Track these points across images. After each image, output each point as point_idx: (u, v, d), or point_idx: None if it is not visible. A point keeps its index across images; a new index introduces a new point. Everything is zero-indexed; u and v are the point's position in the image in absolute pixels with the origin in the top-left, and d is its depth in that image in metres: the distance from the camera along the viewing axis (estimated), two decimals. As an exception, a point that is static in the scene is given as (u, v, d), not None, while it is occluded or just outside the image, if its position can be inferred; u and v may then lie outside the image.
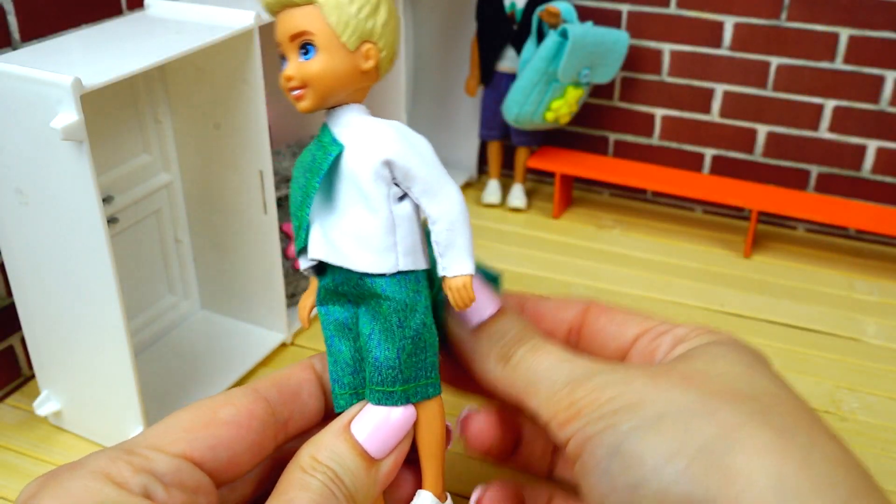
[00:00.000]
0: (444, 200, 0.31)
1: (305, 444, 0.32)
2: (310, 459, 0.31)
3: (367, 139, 0.32)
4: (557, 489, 0.40)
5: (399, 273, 0.32)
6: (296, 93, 0.32)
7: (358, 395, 0.34)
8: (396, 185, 0.32)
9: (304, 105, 0.32)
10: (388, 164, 0.31)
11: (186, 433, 0.30)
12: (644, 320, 0.36)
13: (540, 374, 0.32)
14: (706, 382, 0.29)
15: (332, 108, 0.33)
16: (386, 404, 0.33)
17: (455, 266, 0.32)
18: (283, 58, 0.32)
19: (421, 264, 0.33)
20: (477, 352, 0.34)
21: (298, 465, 0.31)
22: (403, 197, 0.32)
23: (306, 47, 0.31)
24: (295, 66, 0.31)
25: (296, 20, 0.31)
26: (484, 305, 0.35)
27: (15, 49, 0.49)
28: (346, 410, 0.33)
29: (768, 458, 0.25)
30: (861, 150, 0.71)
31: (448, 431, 0.36)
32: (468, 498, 0.46)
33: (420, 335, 0.32)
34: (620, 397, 0.29)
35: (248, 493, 0.34)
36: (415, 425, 0.33)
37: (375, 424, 0.32)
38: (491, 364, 0.34)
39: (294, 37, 0.31)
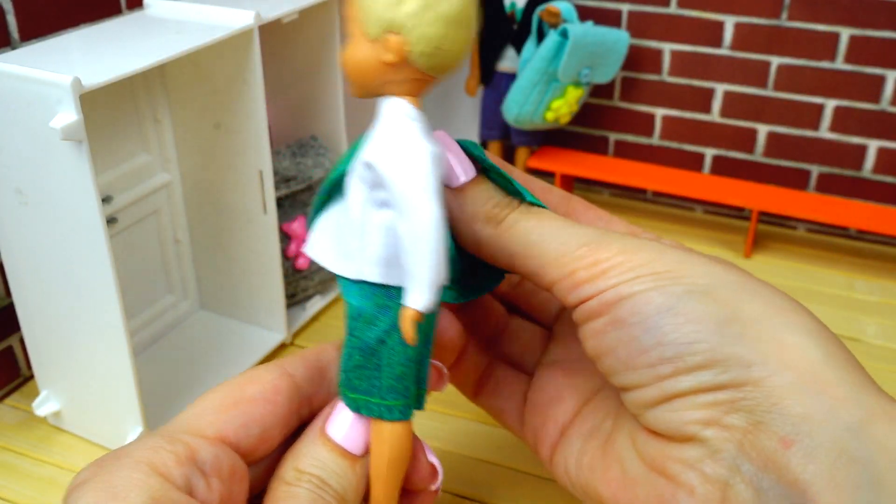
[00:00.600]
0: (411, 220, 0.28)
1: (284, 457, 0.32)
2: (293, 472, 0.31)
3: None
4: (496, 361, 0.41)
5: (363, 281, 0.31)
6: None
7: None
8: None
9: (350, 90, 0.31)
10: (369, 167, 0.30)
11: (219, 414, 0.30)
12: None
13: (545, 235, 0.32)
14: (734, 267, 0.31)
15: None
16: (345, 404, 0.32)
17: (408, 295, 0.29)
18: None
19: (396, 280, 0.31)
20: (464, 212, 0.33)
21: (283, 480, 0.31)
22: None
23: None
24: None
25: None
26: (459, 170, 0.33)
27: (14, 49, 0.49)
28: (319, 414, 0.33)
29: (815, 338, 0.29)
30: (862, 149, 0.71)
31: (435, 471, 0.35)
32: (469, 499, 0.46)
33: (374, 351, 0.31)
34: (656, 263, 0.30)
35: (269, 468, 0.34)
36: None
37: (349, 422, 0.32)
38: (479, 226, 0.33)
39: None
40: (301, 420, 0.33)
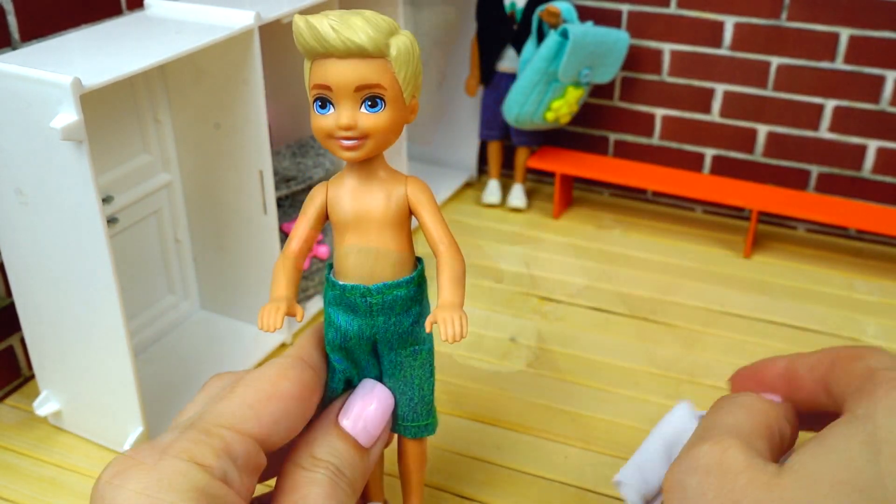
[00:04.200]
0: None
1: (297, 443, 0.33)
2: (310, 458, 0.32)
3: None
4: None
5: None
6: (350, 143, 0.30)
7: None
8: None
9: (357, 155, 0.31)
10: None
11: (253, 410, 0.30)
12: None
13: None
14: None
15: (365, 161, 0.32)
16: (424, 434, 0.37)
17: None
18: (324, 103, 0.30)
19: None
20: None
21: (299, 465, 0.32)
22: None
23: (375, 100, 0.30)
24: (353, 116, 0.30)
25: (366, 72, 0.29)
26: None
27: (15, 49, 0.49)
28: (330, 405, 0.34)
29: None
30: (861, 150, 0.71)
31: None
32: (469, 499, 0.46)
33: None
34: None
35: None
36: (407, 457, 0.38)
37: (363, 417, 0.34)
38: None
39: (361, 88, 0.30)
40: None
